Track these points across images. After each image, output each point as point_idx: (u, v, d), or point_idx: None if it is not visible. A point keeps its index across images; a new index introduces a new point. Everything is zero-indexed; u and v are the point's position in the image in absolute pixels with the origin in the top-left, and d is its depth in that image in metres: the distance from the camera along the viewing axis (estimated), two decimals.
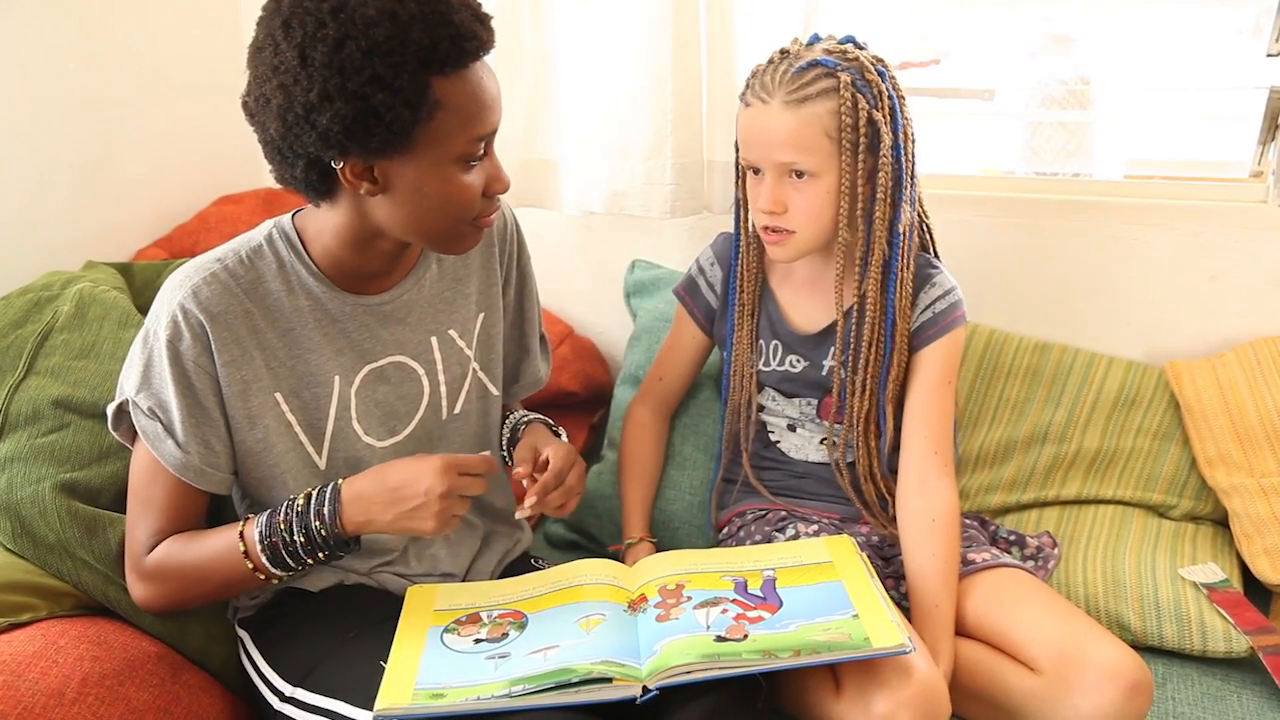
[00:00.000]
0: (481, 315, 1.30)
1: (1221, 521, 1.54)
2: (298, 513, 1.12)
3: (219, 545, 1.14)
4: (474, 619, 1.15)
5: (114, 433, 1.17)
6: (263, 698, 1.16)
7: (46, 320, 1.36)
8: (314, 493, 1.14)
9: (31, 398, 1.28)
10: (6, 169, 1.54)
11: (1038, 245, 1.70)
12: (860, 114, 1.27)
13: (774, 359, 1.46)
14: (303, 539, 1.11)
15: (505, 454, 1.38)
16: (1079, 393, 1.64)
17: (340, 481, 1.14)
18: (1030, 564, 1.45)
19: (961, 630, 1.30)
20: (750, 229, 1.43)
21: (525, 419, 1.37)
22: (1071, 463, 1.60)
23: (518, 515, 1.20)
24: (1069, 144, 1.80)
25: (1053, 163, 1.81)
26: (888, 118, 1.28)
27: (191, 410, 1.11)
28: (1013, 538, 1.50)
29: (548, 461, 1.20)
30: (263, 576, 1.13)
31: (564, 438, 1.35)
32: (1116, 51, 1.86)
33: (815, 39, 1.33)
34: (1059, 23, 1.88)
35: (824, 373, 1.43)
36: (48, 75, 1.59)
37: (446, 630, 1.13)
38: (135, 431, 1.15)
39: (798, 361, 1.45)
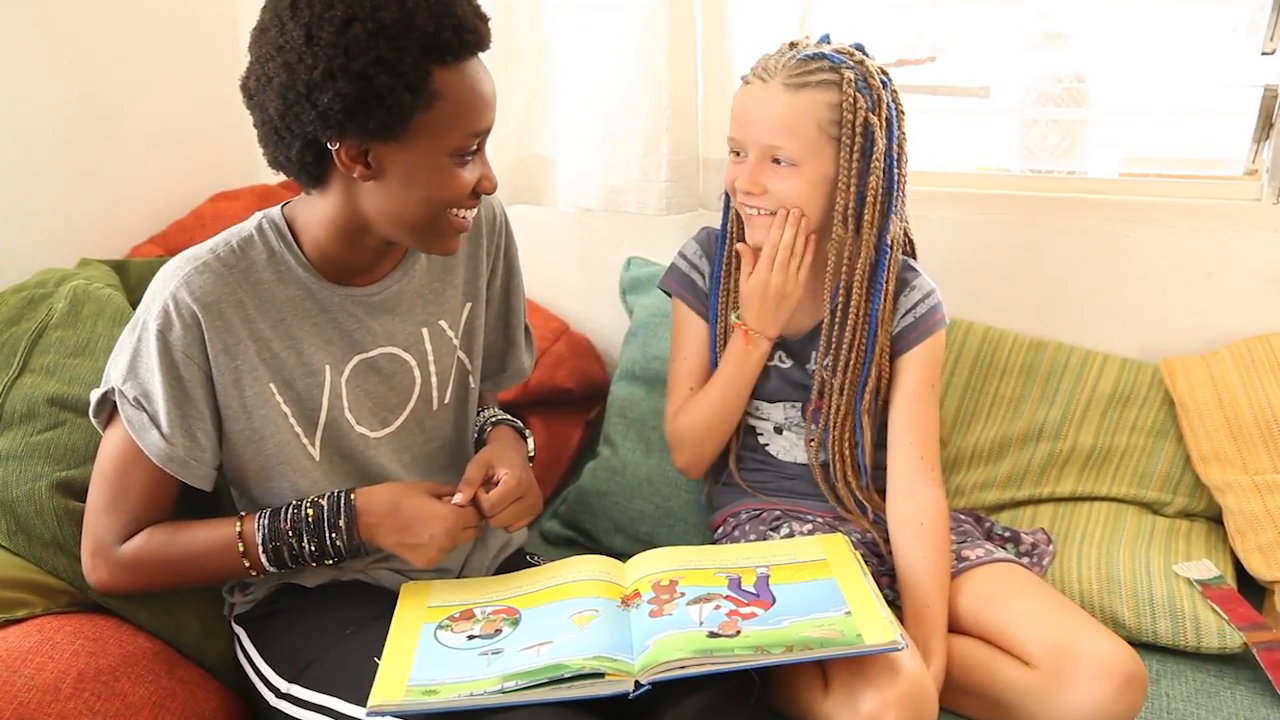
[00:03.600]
0: (468, 306, 1.30)
1: (1215, 518, 1.54)
2: (308, 522, 1.14)
3: (212, 540, 1.14)
4: (468, 615, 1.15)
5: (94, 419, 1.16)
6: (259, 694, 1.16)
7: (41, 318, 1.36)
8: (324, 503, 1.15)
9: (27, 395, 1.28)
10: (1, 166, 1.54)
11: (1032, 243, 1.70)
12: (858, 113, 1.27)
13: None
14: (314, 547, 1.14)
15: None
16: (1074, 390, 1.64)
17: (353, 495, 1.16)
18: (1025, 561, 1.45)
19: (957, 626, 1.30)
20: (736, 218, 1.43)
21: (493, 420, 1.36)
22: (1066, 460, 1.61)
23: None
24: (1064, 141, 1.80)
25: (1048, 160, 1.81)
26: (883, 125, 1.29)
27: (178, 402, 1.11)
28: (1007, 534, 1.50)
29: (498, 483, 1.20)
30: (255, 573, 1.15)
31: (531, 441, 1.35)
32: (1111, 49, 1.86)
33: (826, 38, 1.34)
34: (1054, 20, 1.88)
35: (809, 374, 1.43)
36: (43, 71, 1.59)
37: (440, 627, 1.13)
38: (112, 419, 1.14)
39: (785, 358, 1.44)
